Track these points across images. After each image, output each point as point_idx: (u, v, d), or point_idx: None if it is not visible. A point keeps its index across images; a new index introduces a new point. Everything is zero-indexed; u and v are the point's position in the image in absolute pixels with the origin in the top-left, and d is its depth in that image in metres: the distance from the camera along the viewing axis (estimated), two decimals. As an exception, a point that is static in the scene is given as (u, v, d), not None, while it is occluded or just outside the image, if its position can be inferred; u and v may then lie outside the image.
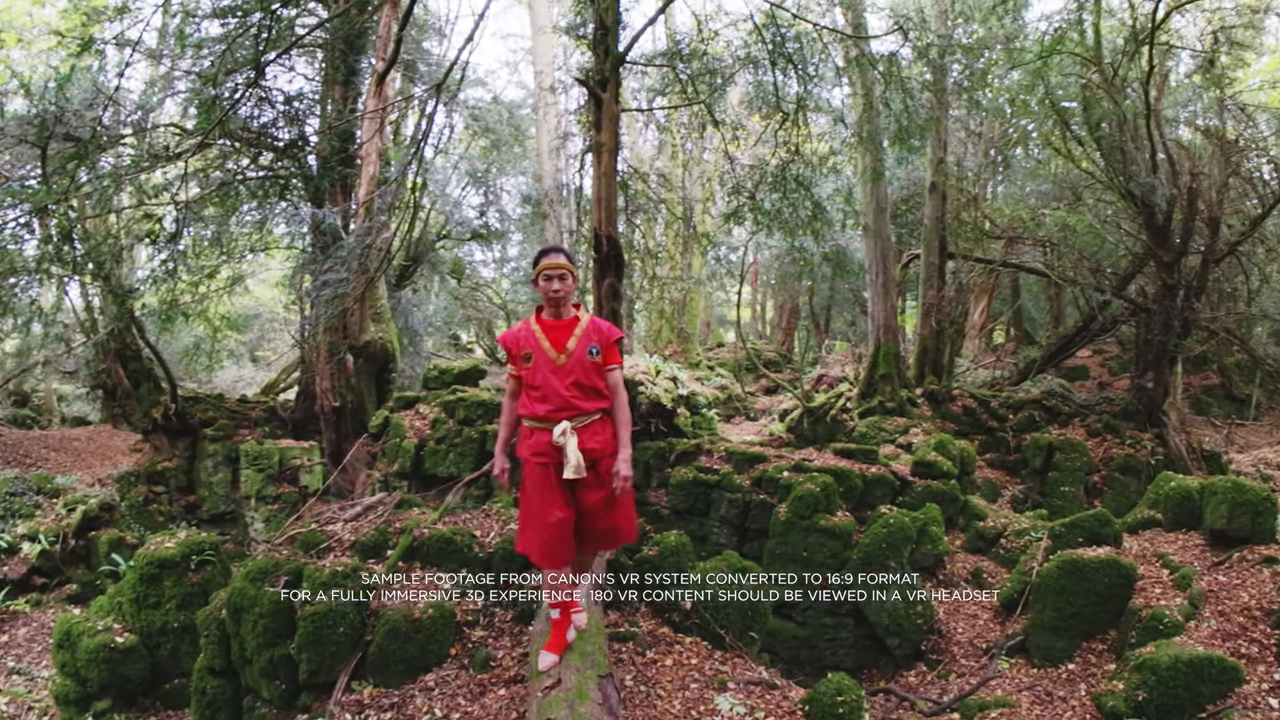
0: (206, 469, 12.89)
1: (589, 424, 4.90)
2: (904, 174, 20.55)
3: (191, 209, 12.50)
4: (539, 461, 4.88)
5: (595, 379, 4.93)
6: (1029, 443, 13.28)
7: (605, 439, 4.96)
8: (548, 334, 4.92)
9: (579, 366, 4.86)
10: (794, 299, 31.94)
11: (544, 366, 4.88)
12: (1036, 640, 6.53)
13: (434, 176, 16.94)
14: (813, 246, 14.51)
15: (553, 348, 4.88)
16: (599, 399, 4.95)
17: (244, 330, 25.09)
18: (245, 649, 6.01)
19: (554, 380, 4.85)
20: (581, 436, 4.82)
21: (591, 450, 4.85)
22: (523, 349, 4.98)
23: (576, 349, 4.87)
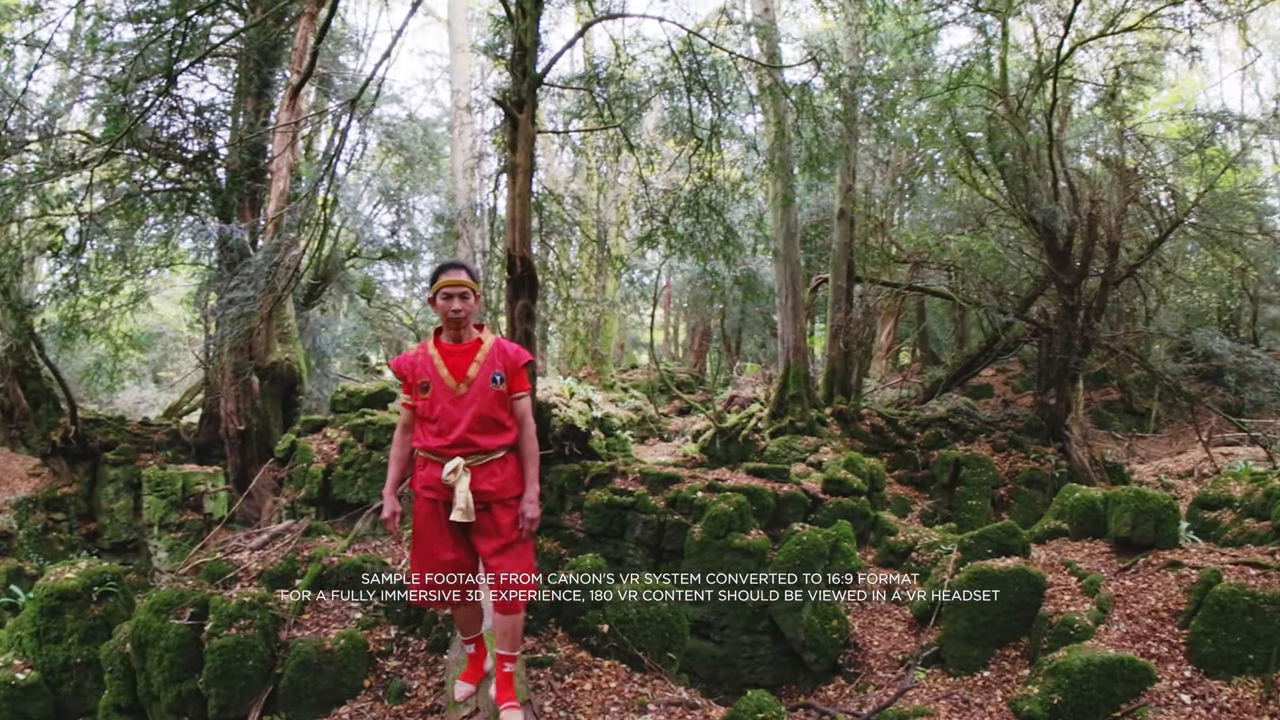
0: (108, 495, 12.42)
1: (487, 463, 4.42)
2: (814, 200, 20.97)
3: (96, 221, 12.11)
4: (428, 496, 4.47)
5: (498, 410, 4.47)
6: (936, 459, 13.62)
7: (504, 480, 4.47)
8: (446, 359, 4.46)
9: (480, 396, 4.40)
10: (706, 322, 32.27)
11: (441, 396, 4.41)
12: (951, 650, 6.67)
13: (345, 193, 16.71)
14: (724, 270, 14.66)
15: (451, 375, 4.42)
16: (502, 433, 4.48)
17: (147, 349, 24.27)
18: (151, 684, 5.81)
19: (452, 411, 4.38)
20: (476, 476, 4.37)
21: (485, 492, 4.38)
22: (419, 376, 4.49)
23: (478, 376, 4.41)
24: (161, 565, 11.38)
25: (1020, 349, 17.68)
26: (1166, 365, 16.26)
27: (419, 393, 4.48)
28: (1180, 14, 12.12)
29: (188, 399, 21.14)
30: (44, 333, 13.56)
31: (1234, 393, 15.83)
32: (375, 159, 21.26)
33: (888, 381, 22.26)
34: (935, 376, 19.25)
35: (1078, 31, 13.04)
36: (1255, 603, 5.48)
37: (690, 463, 14.09)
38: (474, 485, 4.34)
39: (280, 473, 11.58)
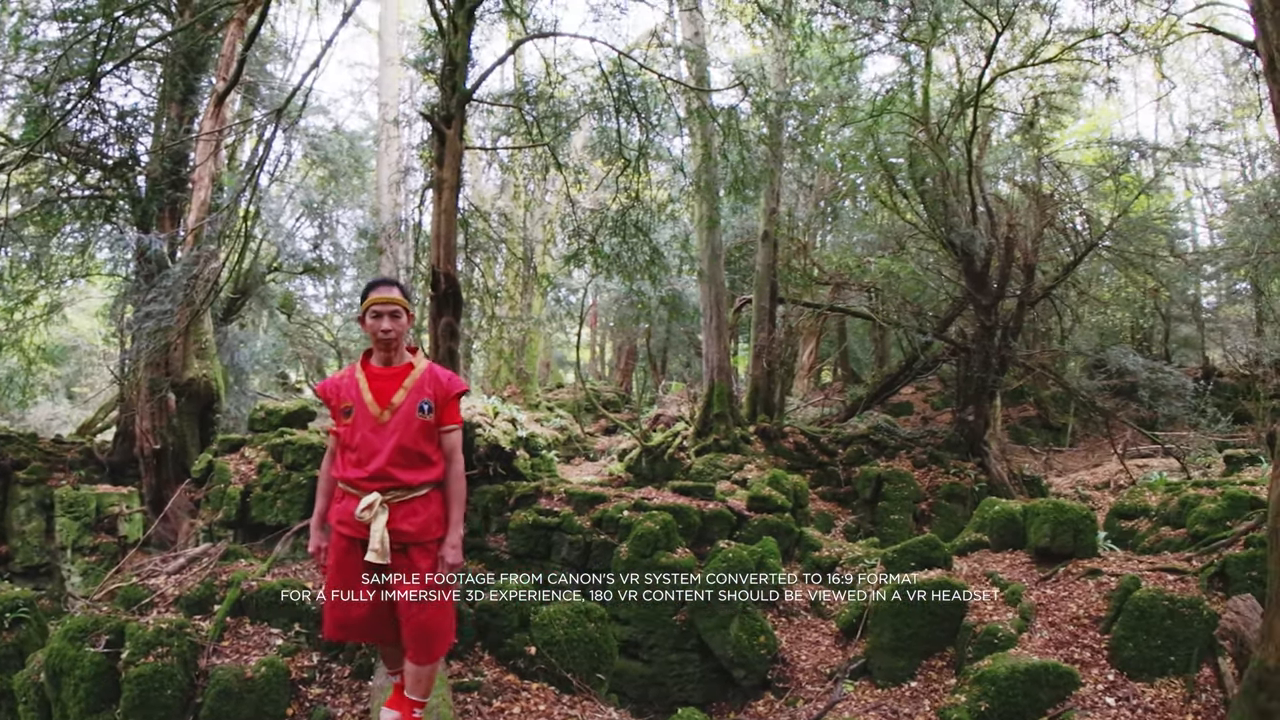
0: (19, 516, 11.92)
1: (408, 501, 4.09)
2: (739, 222, 21.26)
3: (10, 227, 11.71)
4: (343, 532, 4.14)
5: (423, 443, 4.13)
6: (859, 475, 13.89)
7: (425, 520, 4.12)
8: (372, 383, 4.16)
9: (404, 426, 4.07)
10: (632, 341, 32.39)
11: (363, 423, 4.10)
12: (878, 662, 6.77)
13: (268, 205, 16.40)
14: (650, 290, 14.83)
15: (375, 401, 4.10)
16: (425, 468, 4.14)
17: (60, 363, 23.42)
18: (68, 715, 5.56)
19: (373, 440, 4.07)
20: (394, 515, 4.03)
21: (403, 533, 4.04)
22: (343, 400, 4.19)
23: (404, 404, 4.10)
24: (75, 590, 10.96)
25: (939, 367, 18.15)
26: (1082, 382, 16.80)
27: (342, 418, 4.19)
28: (1099, 47, 12.58)
29: (102, 416, 20.43)
30: (-47, 345, 13.06)
31: (1148, 407, 16.39)
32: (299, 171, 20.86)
33: (810, 400, 22.63)
34: (856, 395, 19.63)
35: (999, 62, 13.49)
36: (1174, 606, 5.68)
37: (616, 482, 14.09)
38: (392, 524, 4.02)
39: (197, 494, 11.27)
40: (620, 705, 6.60)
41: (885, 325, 17.91)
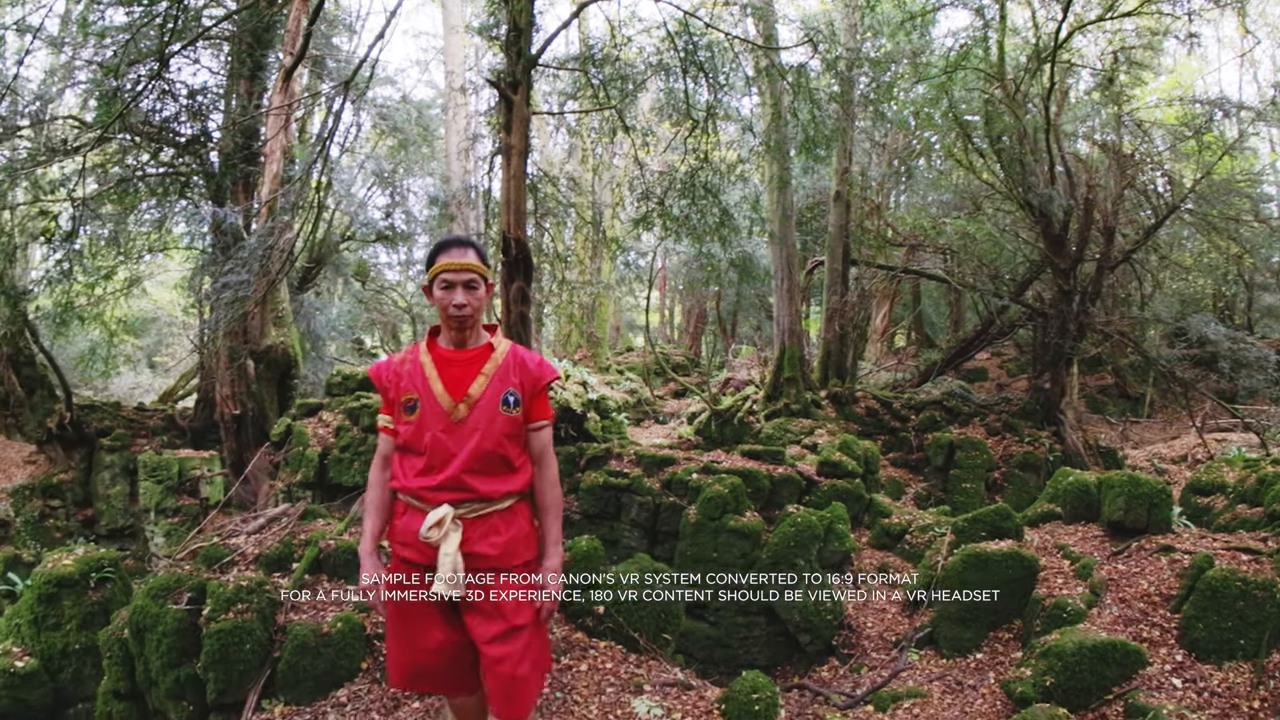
0: (104, 481, 12.38)
1: (487, 515, 3.28)
2: (810, 182, 20.96)
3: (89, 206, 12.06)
4: (405, 556, 3.34)
5: (507, 444, 3.31)
6: (931, 442, 13.66)
7: (509, 540, 3.31)
8: (443, 371, 3.32)
9: (485, 423, 3.25)
10: (702, 304, 32.34)
11: (432, 421, 3.26)
12: (944, 632, 6.69)
13: (339, 176, 16.63)
14: (720, 252, 14.71)
15: (447, 392, 3.27)
16: (509, 476, 3.33)
17: (141, 334, 24.27)
18: (150, 670, 5.78)
19: (445, 442, 3.23)
20: (470, 534, 3.24)
21: (482, 558, 3.24)
22: (405, 392, 3.33)
23: (484, 396, 3.28)
24: (159, 550, 11.37)
25: (1015, 333, 17.72)
26: (1161, 351, 16.36)
27: (403, 414, 3.34)
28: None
29: (183, 384, 21.14)
30: (38, 319, 13.52)
31: (1228, 379, 15.85)
32: (369, 141, 21.16)
33: (883, 364, 22.34)
34: (930, 360, 19.30)
35: (1076, 15, 12.98)
36: (1247, 588, 5.48)
37: (685, 445, 14.09)
38: (467, 546, 3.22)
39: (276, 456, 11.55)
40: (686, 665, 6.61)
41: (960, 288, 17.52)
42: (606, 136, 14.96)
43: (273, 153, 11.76)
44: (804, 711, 5.87)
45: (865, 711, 5.70)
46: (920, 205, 20.27)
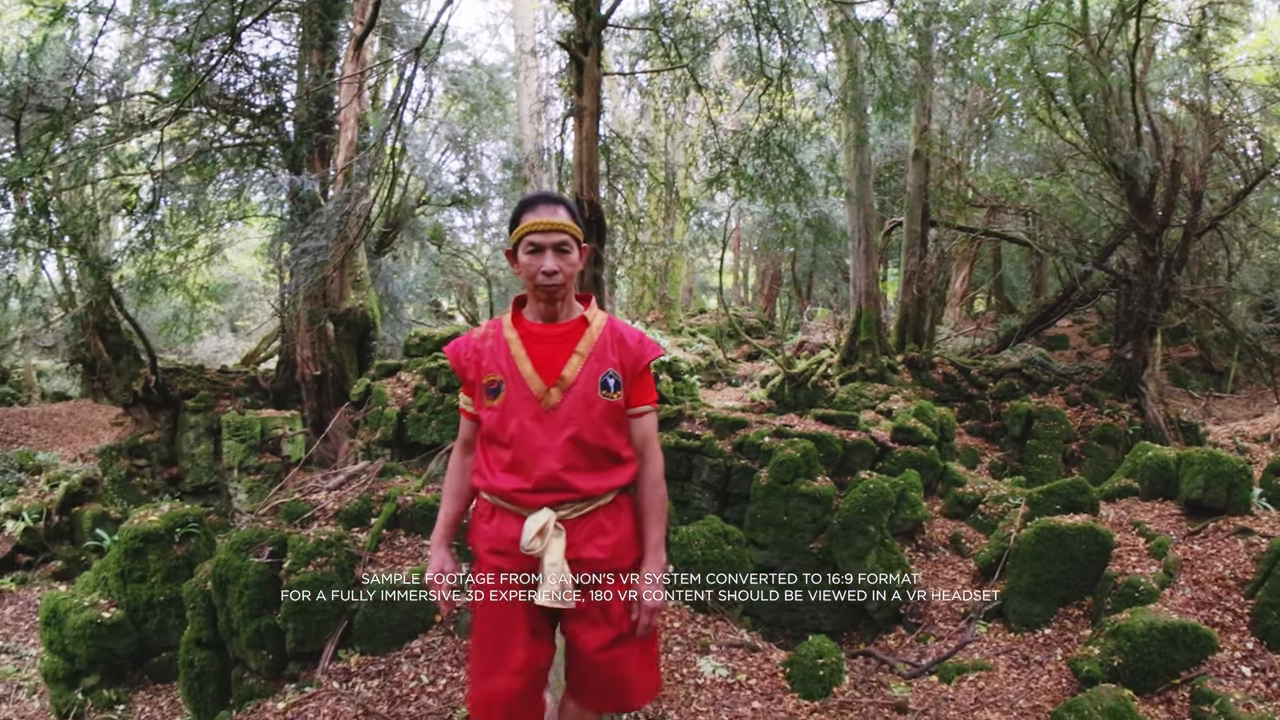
0: (188, 441, 12.82)
1: (591, 514, 2.88)
2: (887, 141, 20.53)
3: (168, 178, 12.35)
4: (498, 565, 2.93)
5: (610, 434, 2.89)
6: (1008, 410, 13.39)
7: (619, 541, 2.94)
8: (532, 349, 2.89)
9: (583, 410, 2.83)
10: (776, 265, 32.01)
11: (521, 407, 2.84)
12: (1014, 605, 6.59)
13: (413, 141, 16.80)
14: (795, 213, 14.52)
15: (537, 373, 2.85)
16: (613, 469, 2.92)
17: (223, 300, 25.02)
18: (232, 620, 6.01)
19: (536, 434, 2.82)
20: (575, 537, 2.84)
21: (592, 562, 2.88)
22: (487, 373, 2.92)
23: (580, 378, 2.85)
24: (241, 506, 11.75)
25: (1098, 300, 17.24)
26: (1248, 323, 15.68)
27: (485, 398, 2.92)
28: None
29: (264, 346, 21.76)
30: (122, 288, 13.97)
31: (1318, 355, 15.24)
32: (441, 106, 21.30)
33: (961, 329, 21.92)
34: (1010, 325, 18.91)
35: (1163, -32, 12.49)
36: (1324, 577, 5.31)
37: (758, 408, 14.03)
38: (573, 552, 2.83)
39: (356, 416, 11.81)
40: (752, 628, 6.65)
41: (1042, 252, 17.04)
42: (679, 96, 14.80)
43: (347, 120, 11.91)
44: (868, 679, 5.85)
45: (929, 682, 5.67)
46: (1001, 165, 19.81)
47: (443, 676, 5.00)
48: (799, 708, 4.64)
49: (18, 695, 8.40)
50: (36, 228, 11.28)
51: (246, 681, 5.93)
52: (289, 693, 5.21)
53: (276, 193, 14.11)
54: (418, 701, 4.64)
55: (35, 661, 8.79)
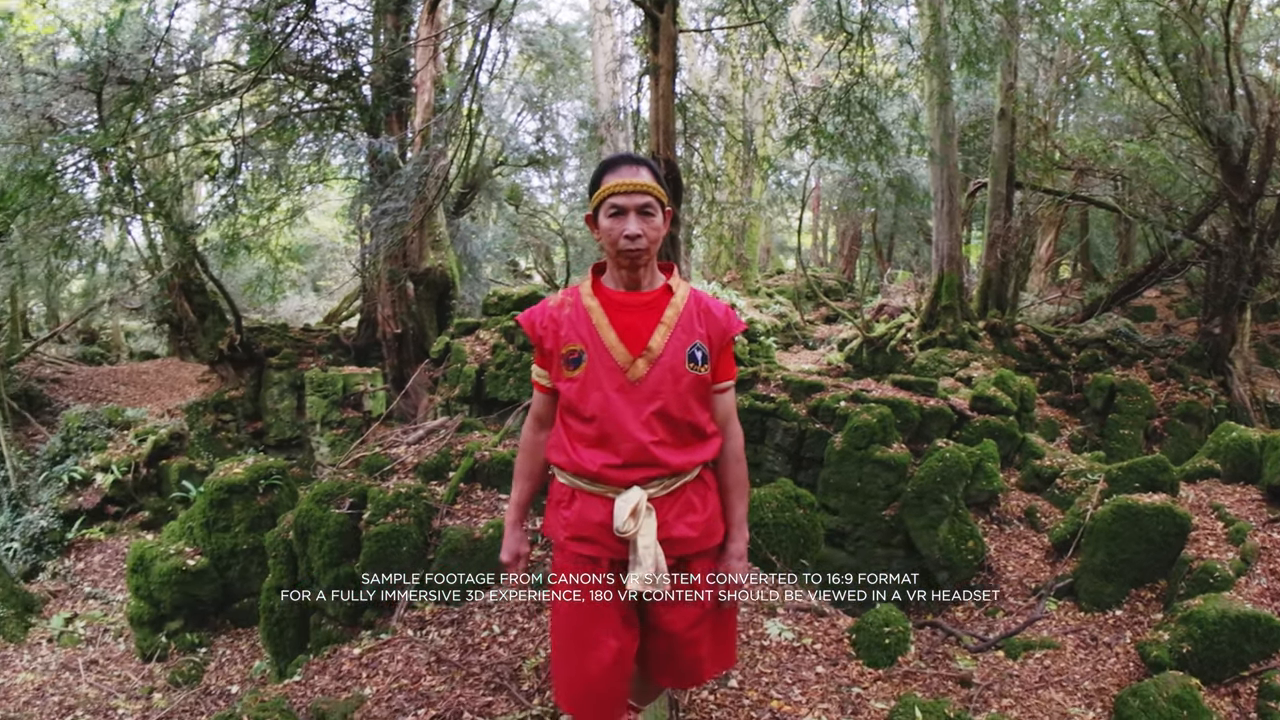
0: (272, 396, 13.22)
1: (679, 490, 2.73)
2: (972, 99, 19.95)
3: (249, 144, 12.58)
4: (582, 552, 2.76)
5: (695, 408, 2.72)
6: (1091, 382, 13.09)
7: (708, 518, 2.80)
8: (615, 318, 2.71)
9: (670, 383, 2.65)
10: (856, 226, 31.47)
11: (605, 379, 2.66)
12: (1085, 584, 6.50)
13: (489, 103, 16.86)
14: (877, 172, 14.28)
15: (622, 344, 2.67)
16: (699, 444, 2.76)
17: (305, 261, 25.62)
18: (312, 568, 6.22)
19: (620, 407, 2.64)
20: (665, 515, 2.68)
21: (681, 542, 2.72)
22: (566, 343, 2.73)
23: (667, 350, 2.66)
24: (323, 459, 12.08)
25: (1187, 271, 16.64)
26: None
27: (564, 369, 2.74)
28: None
29: (346, 305, 22.20)
30: (207, 251, 14.35)
31: None
32: (517, 67, 21.27)
33: (1045, 296, 21.37)
34: (1095, 294, 18.39)
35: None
36: (1403, 571, 5.13)
37: (835, 372, 13.94)
38: (664, 531, 2.67)
39: (435, 373, 12.02)
40: (820, 593, 6.63)
41: (1131, 219, 16.52)
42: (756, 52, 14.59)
43: (423, 83, 12.01)
44: (934, 650, 5.83)
45: (995, 657, 5.63)
46: (1090, 126, 19.14)
47: (514, 627, 5.08)
48: (863, 675, 4.61)
49: (104, 638, 8.87)
50: (121, 195, 11.62)
51: (324, 627, 6.15)
52: (365, 639, 5.34)
53: (355, 156, 14.32)
54: (489, 650, 4.75)
55: (122, 606, 9.26)
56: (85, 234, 12.59)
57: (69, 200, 11.08)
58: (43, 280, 16.50)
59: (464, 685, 4.34)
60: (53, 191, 10.12)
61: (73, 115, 11.64)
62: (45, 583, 10.16)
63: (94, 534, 11.05)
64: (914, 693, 4.25)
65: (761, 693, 4.10)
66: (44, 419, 13.94)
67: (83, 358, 20.24)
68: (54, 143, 10.31)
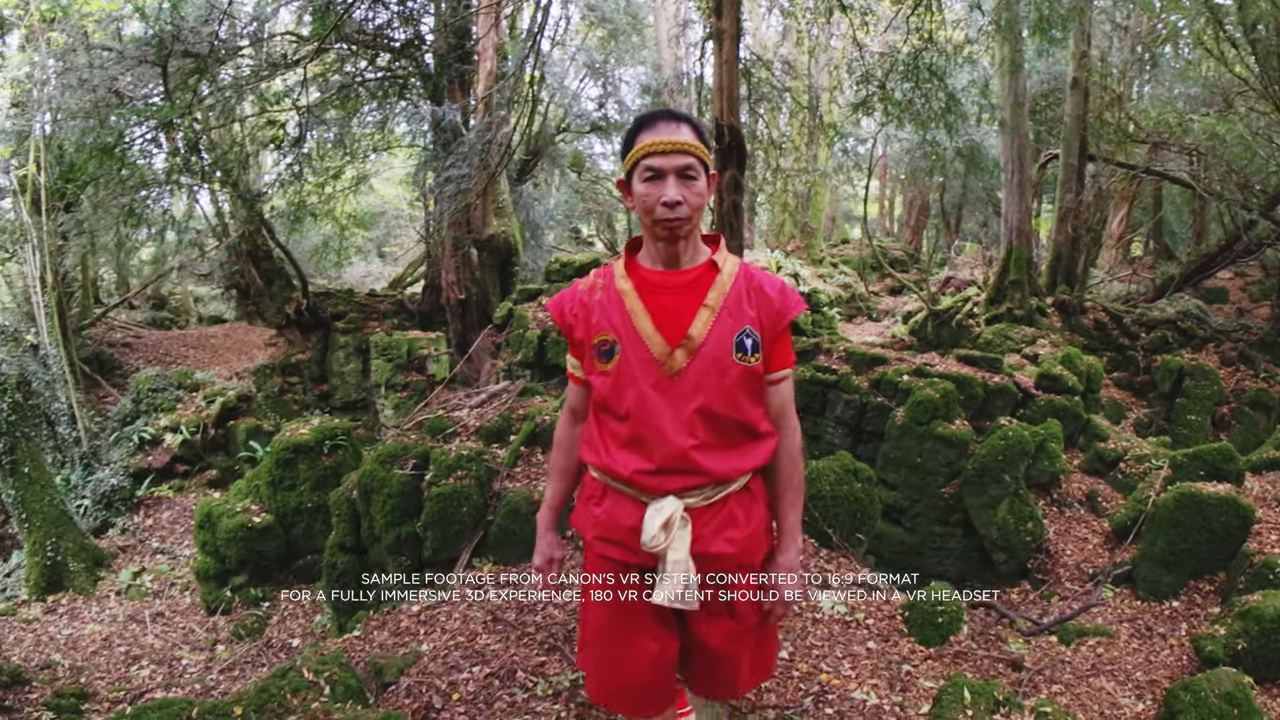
0: (338, 360, 13.55)
1: (721, 502, 2.39)
2: (1044, 67, 19.36)
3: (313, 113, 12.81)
4: (609, 555, 2.50)
5: (745, 405, 2.36)
6: (1159, 365, 12.76)
7: (752, 533, 2.46)
8: (650, 301, 2.36)
9: (714, 376, 2.31)
10: (924, 196, 30.87)
11: (640, 373, 2.33)
12: (1144, 572, 6.41)
13: (551, 69, 16.86)
14: (945, 141, 13.99)
15: (658, 332, 2.32)
16: (750, 447, 2.41)
17: (370, 227, 25.97)
18: (374, 527, 6.39)
19: (659, 405, 2.31)
20: (703, 528, 2.36)
21: (718, 559, 2.40)
22: (597, 332, 2.40)
23: (711, 338, 2.31)
24: (387, 421, 12.36)
25: (1262, 253, 16.09)
26: None
27: (597, 361, 2.41)
28: None
29: (410, 271, 22.53)
30: (273, 218, 14.69)
31: None
32: (579, 33, 21.14)
33: (1116, 274, 20.84)
34: (1167, 273, 17.92)
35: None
36: None
37: (898, 344, 13.80)
38: (699, 546, 2.36)
39: (498, 338, 12.19)
40: (875, 568, 6.64)
41: (1206, 196, 16.02)
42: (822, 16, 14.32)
43: (485, 51, 12.05)
44: (986, 631, 5.80)
45: (1048, 642, 5.60)
46: (1166, 98, 18.54)
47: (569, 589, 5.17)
48: (914, 652, 4.62)
49: (171, 592, 9.22)
50: (189, 165, 11.91)
51: (384, 585, 6.32)
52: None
53: (419, 123, 14.48)
54: (544, 612, 4.84)
55: (188, 561, 9.61)
56: (154, 203, 12.98)
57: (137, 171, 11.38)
58: (112, 248, 16.94)
59: (519, 645, 4.44)
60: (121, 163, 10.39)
61: (139, 89, 11.94)
62: (114, 538, 10.58)
63: (162, 492, 11.46)
64: (964, 673, 4.26)
65: (812, 665, 4.14)
66: (115, 382, 14.46)
67: (152, 322, 20.89)
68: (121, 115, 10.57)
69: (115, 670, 7.11)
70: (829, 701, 3.76)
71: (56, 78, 11.77)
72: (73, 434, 11.97)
